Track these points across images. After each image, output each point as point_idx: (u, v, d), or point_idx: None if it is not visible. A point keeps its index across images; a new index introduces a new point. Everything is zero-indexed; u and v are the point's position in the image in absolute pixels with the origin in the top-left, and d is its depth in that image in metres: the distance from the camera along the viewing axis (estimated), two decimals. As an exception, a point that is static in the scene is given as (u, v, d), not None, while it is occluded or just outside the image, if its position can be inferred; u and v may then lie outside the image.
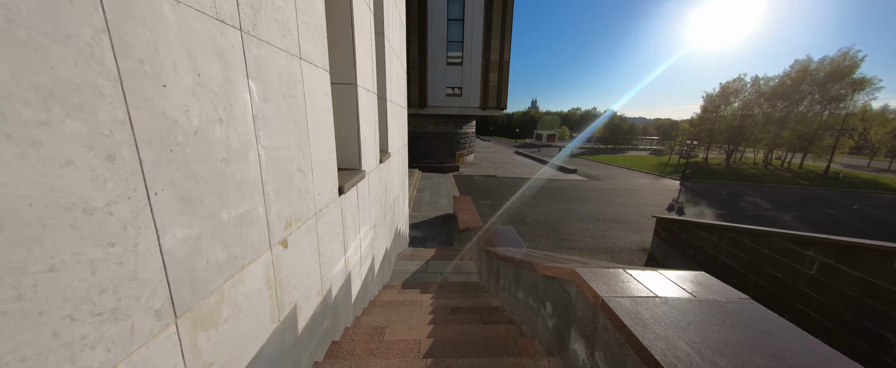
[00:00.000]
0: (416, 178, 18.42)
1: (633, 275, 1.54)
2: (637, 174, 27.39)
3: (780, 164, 35.29)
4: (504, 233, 5.09)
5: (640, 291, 1.39)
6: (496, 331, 2.34)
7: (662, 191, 19.61)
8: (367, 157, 3.11)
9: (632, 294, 1.35)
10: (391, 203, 5.00)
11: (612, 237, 10.43)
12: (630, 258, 8.87)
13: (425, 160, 24.85)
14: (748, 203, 17.00)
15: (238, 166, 1.10)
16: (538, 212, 13.11)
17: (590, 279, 1.47)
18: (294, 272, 1.53)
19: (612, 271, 1.58)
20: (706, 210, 15.22)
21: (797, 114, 31.76)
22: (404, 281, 4.68)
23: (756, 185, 23.21)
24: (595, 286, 1.42)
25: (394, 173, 5.14)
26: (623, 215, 13.25)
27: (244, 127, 1.13)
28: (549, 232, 10.81)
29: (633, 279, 1.49)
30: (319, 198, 1.85)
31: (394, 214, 5.26)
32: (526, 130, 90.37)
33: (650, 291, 1.39)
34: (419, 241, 8.82)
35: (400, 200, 6.14)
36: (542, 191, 17.65)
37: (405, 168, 6.93)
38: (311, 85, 1.72)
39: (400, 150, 5.92)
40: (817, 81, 30.37)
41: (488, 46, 21.80)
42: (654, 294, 1.36)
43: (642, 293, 1.37)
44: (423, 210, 12.00)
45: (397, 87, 5.38)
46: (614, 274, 1.54)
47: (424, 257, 5.72)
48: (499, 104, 22.85)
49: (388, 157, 4.43)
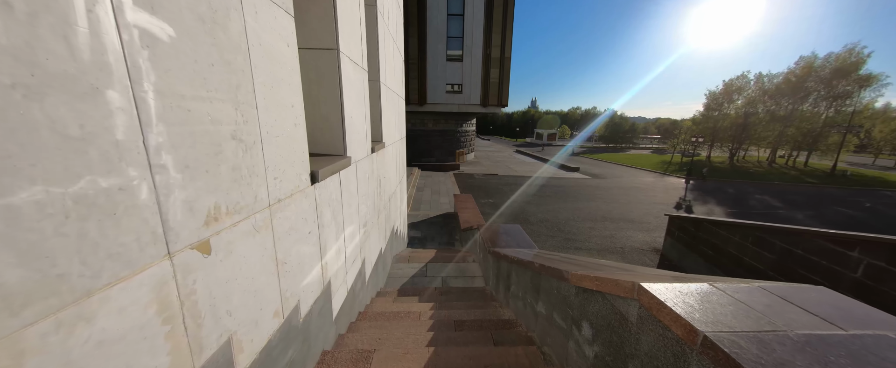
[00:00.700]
0: (415, 176, 17.94)
1: (729, 292, 1.04)
2: (641, 172, 26.90)
3: (785, 162, 34.83)
4: (510, 232, 4.59)
5: (757, 321, 0.89)
6: (513, 357, 1.85)
7: (668, 189, 19.12)
8: (355, 142, 2.62)
9: (748, 328, 0.86)
10: (387, 200, 4.50)
11: (621, 237, 9.94)
12: (641, 258, 8.38)
13: (425, 159, 24.36)
14: (757, 202, 16.51)
15: (79, 109, 0.60)
16: (542, 211, 12.62)
17: (673, 301, 0.97)
18: (225, 291, 1.03)
19: (695, 286, 1.08)
20: (715, 209, 14.73)
21: (802, 112, 31.30)
22: (401, 287, 4.18)
23: (763, 183, 22.74)
24: (684, 311, 0.92)
25: (390, 166, 4.64)
26: (630, 213, 12.76)
27: (98, 41, 0.63)
28: (554, 231, 10.32)
29: (734, 300, 0.99)
30: (277, 184, 1.35)
31: (390, 212, 4.77)
32: (526, 129, 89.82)
33: (770, 321, 0.90)
34: (418, 241, 8.33)
35: (397, 197, 5.65)
36: (544, 190, 17.15)
37: (403, 163, 6.44)
38: (261, 24, 1.22)
39: (397, 143, 5.43)
40: (823, 77, 29.88)
41: (489, 42, 21.30)
42: (778, 328, 0.87)
43: (762, 326, 0.87)
44: (422, 209, 11.51)
45: (394, 73, 4.89)
46: (700, 293, 1.04)
47: (424, 258, 5.22)
48: (500, 101, 22.35)
49: (383, 147, 3.94)
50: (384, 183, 4.25)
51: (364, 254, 3.07)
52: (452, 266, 4.82)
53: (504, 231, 4.59)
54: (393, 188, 5.09)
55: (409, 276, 4.51)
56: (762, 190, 20.05)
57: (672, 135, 47.23)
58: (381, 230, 4.03)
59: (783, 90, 31.85)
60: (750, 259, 5.79)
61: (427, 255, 5.61)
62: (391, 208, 4.87)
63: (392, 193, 4.95)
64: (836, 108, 29.85)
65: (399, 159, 5.73)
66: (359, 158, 2.79)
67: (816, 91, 30.19)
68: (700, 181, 22.03)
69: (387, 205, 4.52)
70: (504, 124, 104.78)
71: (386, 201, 4.45)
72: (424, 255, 5.49)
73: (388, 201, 4.57)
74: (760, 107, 33.98)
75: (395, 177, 5.25)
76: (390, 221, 4.85)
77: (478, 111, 22.80)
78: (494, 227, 4.78)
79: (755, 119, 33.17)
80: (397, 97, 5.31)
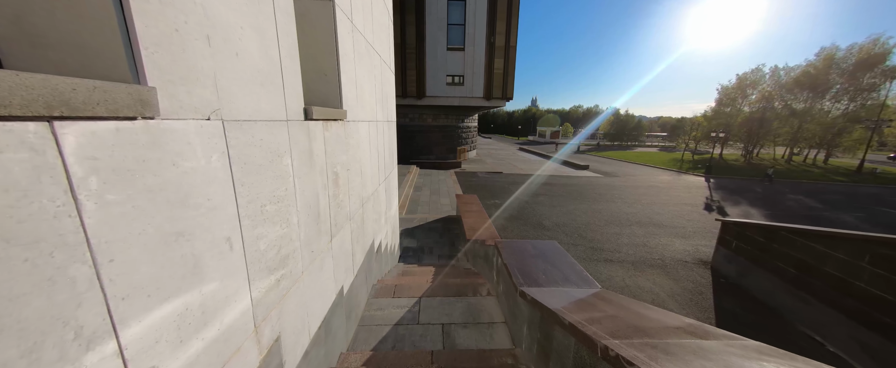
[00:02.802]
0: (412, 175, 16.38)
1: None
2: (654, 170, 25.29)
3: (803, 160, 33.17)
4: (547, 254, 3.00)
5: None
6: None
7: (690, 188, 17.51)
8: (246, 81, 1.06)
9: None
10: (359, 206, 2.92)
11: (656, 245, 8.35)
12: (688, 273, 6.79)
13: (423, 156, 22.78)
14: (794, 202, 14.89)
15: None
16: (557, 213, 11.03)
17: None
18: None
19: None
20: (751, 210, 13.11)
21: (818, 110, 29.61)
22: (375, 347, 2.60)
23: (789, 181, 21.10)
24: None
25: (363, 154, 3.05)
26: (657, 216, 11.17)
27: None
28: (575, 238, 8.73)
29: None
30: None
31: (365, 223, 3.19)
32: (527, 127, 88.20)
33: None
34: (413, 253, 6.76)
35: (381, 201, 4.07)
36: (555, 189, 15.56)
37: (391, 153, 4.85)
38: None
39: (380, 125, 3.85)
40: (845, 70, 28.20)
41: (493, 30, 19.65)
42: None
43: None
44: (420, 212, 9.94)
45: (371, 16, 3.30)
46: None
47: (416, 288, 3.64)
48: (504, 94, 20.71)
49: (343, 120, 2.36)
50: (352, 179, 2.66)
51: (279, 328, 1.50)
52: (458, 305, 3.24)
53: (538, 253, 3.00)
54: (372, 189, 3.50)
55: (392, 323, 2.93)
56: (792, 189, 18.43)
57: (683, 131, 45.42)
58: (343, 255, 2.45)
59: (802, 83, 30.14)
60: (866, 285, 4.20)
61: (421, 280, 4.03)
62: (366, 218, 3.28)
63: (368, 195, 3.36)
64: (861, 101, 28.12)
65: (383, 147, 4.15)
66: (252, 116, 1.21)
67: (840, 84, 28.48)
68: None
69: (360, 214, 2.94)
70: (505, 123, 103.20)
71: (358, 208, 2.87)
72: (417, 282, 3.91)
73: (360, 209, 2.98)
74: (777, 102, 32.30)
75: (375, 173, 3.66)
76: (366, 236, 3.27)
77: (481, 105, 21.17)
78: (520, 247, 3.19)
79: (772, 114, 31.49)
80: (379, 59, 3.72)
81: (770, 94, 32.97)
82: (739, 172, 24.92)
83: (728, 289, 6.16)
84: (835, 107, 29.20)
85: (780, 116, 30.64)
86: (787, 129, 31.06)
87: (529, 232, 9.10)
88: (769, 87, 33.23)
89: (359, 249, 2.99)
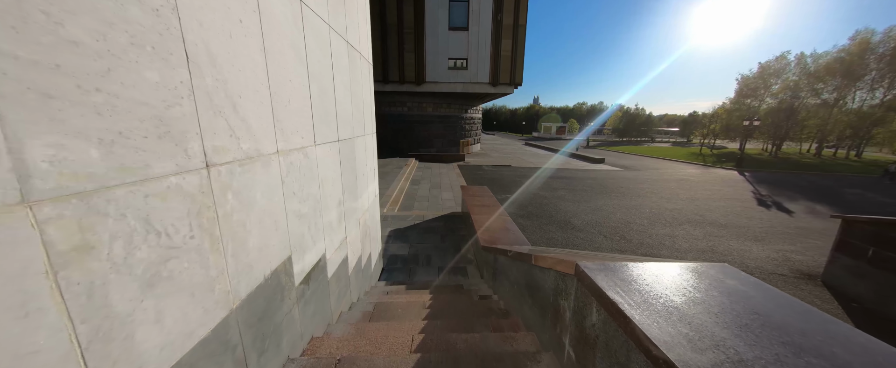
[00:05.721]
0: (410, 168, 14.40)
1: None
2: (677, 164, 23.16)
3: (833, 153, 30.85)
4: (775, 319, 1.00)
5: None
6: None
7: (726, 182, 15.40)
8: None
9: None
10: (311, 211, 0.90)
11: (727, 251, 6.30)
12: (796, 291, 4.75)
13: (423, 149, 20.77)
14: (854, 196, 12.78)
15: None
16: (585, 210, 8.98)
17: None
18: None
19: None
20: (816, 206, 10.98)
21: (852, 99, 27.29)
22: None
23: (833, 175, 18.93)
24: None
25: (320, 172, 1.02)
26: (709, 212, 9.11)
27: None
28: (617, 241, 6.70)
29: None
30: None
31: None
32: (531, 124, 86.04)
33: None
34: (403, 266, 4.75)
35: (363, 209, 2.04)
36: (575, 183, 13.50)
37: (368, 150, 2.83)
38: None
39: (331, 145, 1.84)
40: (884, 55, 25.89)
41: (500, 6, 17.58)
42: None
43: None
44: (416, 208, 7.93)
45: None
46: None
47: (396, 349, 1.61)
48: (513, 79, 18.64)
49: None
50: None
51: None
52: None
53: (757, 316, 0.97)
54: (336, 195, 1.49)
55: None
56: (840, 183, 16.28)
57: (699, 125, 42.85)
58: None
59: (834, 70, 27.83)
60: None
61: (401, 333, 2.01)
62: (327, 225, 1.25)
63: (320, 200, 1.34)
64: (902, 88, 25.82)
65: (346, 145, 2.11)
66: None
67: (878, 70, 26.16)
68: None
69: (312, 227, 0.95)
70: (508, 120, 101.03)
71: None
72: (393, 337, 1.88)
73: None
74: (805, 91, 29.99)
75: (337, 175, 1.64)
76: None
77: (486, 91, 19.08)
78: (602, 271, 1.16)
79: (800, 104, 29.19)
80: (343, 42, 1.69)
81: (796, 83, 30.66)
82: (768, 165, 22.74)
83: (868, 318, 4.11)
84: (872, 96, 26.88)
85: (811, 106, 28.33)
86: (815, 120, 28.76)
87: (556, 234, 7.07)
88: (795, 75, 30.92)
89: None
